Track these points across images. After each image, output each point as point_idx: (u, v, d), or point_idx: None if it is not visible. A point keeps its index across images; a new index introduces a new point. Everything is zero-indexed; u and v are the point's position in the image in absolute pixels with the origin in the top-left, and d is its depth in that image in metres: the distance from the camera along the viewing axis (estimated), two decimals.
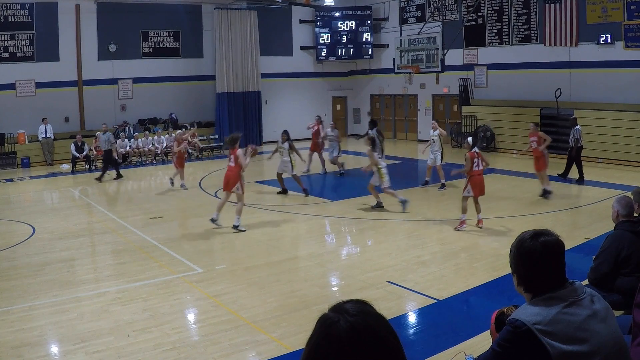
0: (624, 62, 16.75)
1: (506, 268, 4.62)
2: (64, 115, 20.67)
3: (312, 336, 1.46)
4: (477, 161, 9.86)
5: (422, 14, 22.68)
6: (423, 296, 6.94)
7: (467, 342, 5.47)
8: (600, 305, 2.30)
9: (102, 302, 6.98)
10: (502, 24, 20.30)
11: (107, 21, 20.92)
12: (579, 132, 14.09)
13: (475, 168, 9.83)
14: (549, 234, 2.35)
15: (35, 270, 8.33)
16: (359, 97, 27.14)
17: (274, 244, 9.59)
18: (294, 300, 6.95)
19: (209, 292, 7.25)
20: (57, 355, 5.69)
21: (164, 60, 22.39)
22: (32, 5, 19.54)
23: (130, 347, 5.66)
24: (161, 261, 8.66)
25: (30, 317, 6.52)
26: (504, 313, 3.26)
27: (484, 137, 20.33)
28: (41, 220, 11.66)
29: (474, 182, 9.85)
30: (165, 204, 13.19)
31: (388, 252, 8.89)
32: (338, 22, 25.28)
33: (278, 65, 24.67)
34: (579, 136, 14.03)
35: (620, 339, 2.33)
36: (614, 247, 4.94)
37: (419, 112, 24.31)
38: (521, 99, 19.63)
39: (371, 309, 1.49)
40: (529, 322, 2.20)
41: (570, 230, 9.59)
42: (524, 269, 2.35)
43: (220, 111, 23.00)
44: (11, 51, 19.52)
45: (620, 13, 16.67)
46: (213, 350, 5.59)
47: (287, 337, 5.82)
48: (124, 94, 21.87)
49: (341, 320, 1.42)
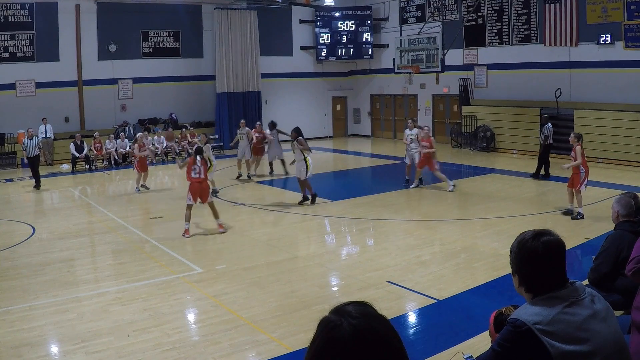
0: (624, 62, 16.74)
1: (506, 268, 4.62)
2: (64, 115, 20.67)
3: (315, 340, 1.45)
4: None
5: (422, 14, 22.67)
6: (423, 296, 6.93)
7: (467, 342, 5.46)
8: (600, 305, 2.30)
9: (102, 302, 6.98)
10: (502, 24, 20.30)
11: (107, 21, 20.92)
12: (550, 130, 14.51)
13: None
14: (550, 233, 2.35)
15: (35, 270, 8.33)
16: (359, 97, 27.13)
17: (274, 244, 9.58)
18: (294, 300, 6.95)
19: (209, 292, 7.24)
20: (57, 355, 5.69)
21: (164, 60, 22.39)
22: (32, 5, 19.54)
23: (130, 347, 5.65)
24: (161, 261, 8.66)
25: (30, 317, 6.51)
26: (503, 313, 3.25)
27: (483, 137, 20.35)
28: (41, 220, 11.67)
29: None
30: (165, 204, 13.19)
31: (388, 252, 8.89)
32: (338, 22, 25.27)
33: (278, 65, 24.67)
34: (549, 133, 14.46)
35: (621, 339, 2.33)
36: (614, 247, 4.93)
37: (419, 112, 24.30)
38: (521, 99, 19.63)
39: (373, 311, 1.49)
40: (530, 322, 2.20)
41: (570, 230, 9.58)
42: (525, 269, 2.34)
43: (220, 111, 23.00)
44: (11, 51, 19.52)
45: (620, 13, 16.67)
46: (213, 350, 5.59)
47: (287, 337, 5.82)
48: (124, 94, 21.87)
49: (344, 323, 1.42)
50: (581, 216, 10.42)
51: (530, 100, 19.31)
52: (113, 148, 19.47)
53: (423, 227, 10.44)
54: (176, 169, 13.52)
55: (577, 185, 10.43)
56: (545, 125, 14.61)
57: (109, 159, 19.43)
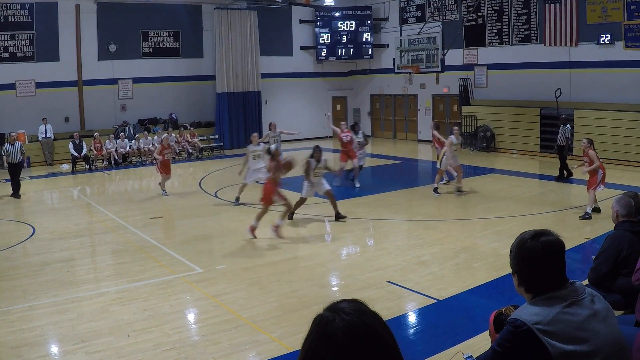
0: (624, 62, 16.74)
1: (506, 268, 4.62)
2: (64, 115, 20.65)
3: (309, 336, 1.47)
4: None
5: (422, 14, 22.67)
6: (423, 296, 6.93)
7: (467, 342, 5.46)
8: (600, 305, 2.30)
9: (102, 302, 6.98)
10: (502, 24, 20.30)
11: (107, 21, 20.91)
12: (569, 131, 14.51)
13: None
14: (550, 233, 2.35)
15: (35, 270, 8.33)
16: (359, 97, 27.13)
17: (274, 244, 9.58)
18: (294, 300, 6.95)
19: (209, 292, 7.24)
20: (57, 355, 5.69)
21: (164, 60, 22.38)
22: (32, 5, 19.53)
23: (130, 347, 5.65)
24: (161, 261, 8.66)
25: (30, 317, 6.51)
26: (503, 313, 3.25)
27: (483, 137, 20.35)
28: (41, 220, 11.66)
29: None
30: (165, 204, 13.19)
31: (388, 252, 8.90)
32: (338, 22, 25.27)
33: (278, 65, 24.66)
34: (569, 135, 14.46)
35: (621, 339, 2.33)
36: (614, 247, 4.93)
37: (419, 112, 24.31)
38: (521, 99, 19.63)
39: (366, 308, 1.50)
40: (530, 322, 2.20)
41: (570, 230, 9.58)
42: (525, 269, 2.34)
43: (220, 111, 22.99)
44: (11, 51, 19.51)
45: (620, 13, 16.67)
46: (213, 350, 5.59)
47: (287, 337, 5.82)
48: (124, 94, 21.86)
49: (337, 319, 1.43)
50: (589, 216, 10.41)
51: (530, 100, 19.31)
52: (113, 148, 19.47)
53: (423, 227, 10.44)
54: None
55: (592, 185, 10.47)
56: (565, 127, 14.54)
57: (109, 159, 19.43)
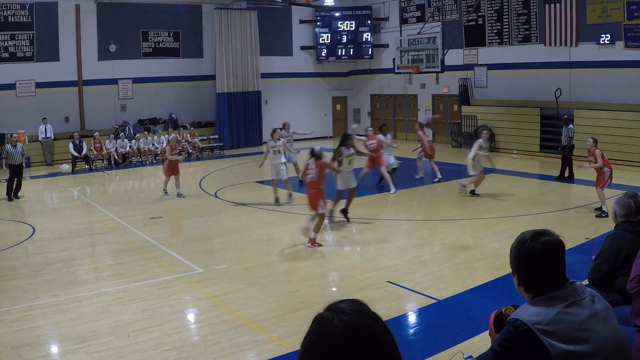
0: (624, 62, 16.74)
1: (506, 268, 4.62)
2: (64, 115, 20.65)
3: (307, 335, 1.47)
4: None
5: (422, 14, 22.67)
6: (423, 296, 6.94)
7: (467, 342, 5.46)
8: (600, 305, 2.30)
9: (102, 302, 6.98)
10: (502, 24, 20.30)
11: (107, 21, 20.91)
12: (572, 131, 14.49)
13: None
14: (549, 233, 2.35)
15: (35, 270, 8.33)
16: (359, 97, 27.12)
17: (274, 244, 9.59)
18: (294, 300, 6.95)
19: (209, 292, 7.24)
20: (57, 355, 5.69)
21: (164, 60, 22.38)
22: (32, 5, 19.53)
23: (130, 347, 5.66)
24: (161, 261, 8.66)
25: (30, 317, 6.51)
26: (503, 313, 3.25)
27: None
28: (41, 220, 11.66)
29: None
30: (165, 204, 13.18)
31: (388, 252, 8.90)
32: (338, 22, 25.27)
33: (278, 65, 24.66)
34: (572, 134, 14.44)
35: (621, 339, 2.33)
36: (614, 247, 4.93)
37: (419, 112, 24.29)
38: (521, 99, 19.63)
39: (366, 308, 1.50)
40: (530, 322, 2.20)
41: (570, 230, 9.59)
42: (525, 269, 2.34)
43: (220, 111, 22.99)
44: (11, 51, 19.50)
45: (620, 13, 16.67)
46: (213, 350, 5.59)
47: (287, 337, 5.82)
48: (124, 94, 21.86)
49: (335, 319, 1.43)
50: (605, 214, 10.39)
51: (530, 100, 19.31)
52: (113, 148, 19.47)
53: (423, 227, 10.44)
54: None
55: (600, 184, 10.63)
56: (568, 127, 14.57)
57: (109, 159, 19.43)
